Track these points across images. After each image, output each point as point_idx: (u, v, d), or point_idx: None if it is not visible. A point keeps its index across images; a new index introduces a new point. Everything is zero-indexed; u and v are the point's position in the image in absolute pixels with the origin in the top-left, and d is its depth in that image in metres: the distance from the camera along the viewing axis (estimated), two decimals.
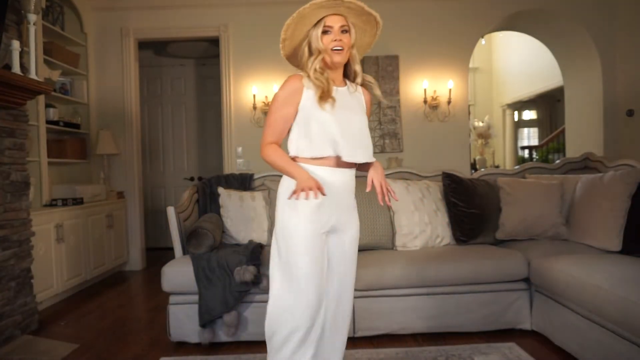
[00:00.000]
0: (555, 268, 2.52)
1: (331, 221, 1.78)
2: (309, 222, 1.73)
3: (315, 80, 1.74)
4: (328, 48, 1.76)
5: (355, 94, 1.87)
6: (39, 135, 3.91)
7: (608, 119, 4.98)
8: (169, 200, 6.20)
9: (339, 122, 1.73)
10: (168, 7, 4.97)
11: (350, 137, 1.74)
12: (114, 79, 5.02)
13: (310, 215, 1.73)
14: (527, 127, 10.51)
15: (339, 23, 1.76)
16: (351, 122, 1.76)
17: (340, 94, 1.79)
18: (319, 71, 1.75)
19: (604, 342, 2.17)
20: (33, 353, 2.75)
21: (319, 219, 1.75)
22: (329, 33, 1.76)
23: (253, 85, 4.92)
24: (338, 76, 1.84)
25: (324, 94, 1.72)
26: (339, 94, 1.79)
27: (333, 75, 1.81)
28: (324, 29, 1.76)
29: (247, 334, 2.77)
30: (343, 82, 1.87)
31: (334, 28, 1.76)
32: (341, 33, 1.76)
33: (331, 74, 1.80)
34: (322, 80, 1.73)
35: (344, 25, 1.77)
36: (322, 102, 1.72)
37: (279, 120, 1.78)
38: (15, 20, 3.15)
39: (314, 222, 1.74)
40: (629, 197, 2.77)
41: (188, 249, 2.88)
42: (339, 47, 1.75)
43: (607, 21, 4.96)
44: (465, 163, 5.07)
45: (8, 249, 2.94)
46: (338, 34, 1.76)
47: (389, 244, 3.15)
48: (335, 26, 1.76)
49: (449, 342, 2.71)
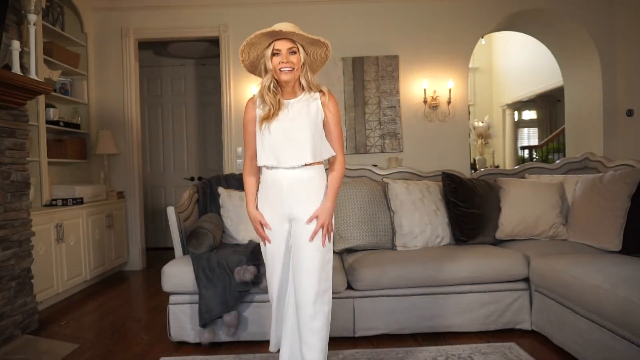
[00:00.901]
0: (555, 268, 2.52)
1: (287, 212, 2.07)
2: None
3: (268, 99, 2.01)
4: (277, 68, 1.99)
5: (309, 101, 2.07)
6: (39, 135, 3.91)
7: (608, 119, 4.98)
8: (169, 200, 6.20)
9: (276, 136, 2.01)
10: (168, 7, 4.98)
11: (282, 146, 2.01)
12: (114, 79, 5.02)
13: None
14: (527, 127, 10.51)
15: (287, 46, 1.98)
16: (286, 132, 2.02)
17: (287, 107, 2.05)
18: (272, 90, 2.01)
19: (604, 342, 2.17)
20: (33, 353, 2.76)
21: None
22: (278, 55, 1.98)
23: (253, 85, 4.91)
24: (292, 90, 2.06)
25: (266, 117, 2.01)
26: (287, 107, 2.05)
27: (286, 88, 2.05)
28: (273, 51, 1.99)
29: (247, 334, 2.77)
30: (295, 94, 2.07)
31: (281, 51, 1.98)
32: (290, 55, 1.98)
33: (284, 87, 2.04)
34: (273, 102, 2.00)
35: (291, 47, 1.98)
36: (261, 124, 2.02)
37: (249, 137, 2.12)
38: (16, 20, 3.16)
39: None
40: (628, 197, 2.77)
41: (188, 249, 2.88)
42: (286, 68, 1.98)
43: (607, 21, 4.96)
44: (465, 163, 5.07)
45: (8, 249, 2.95)
46: (286, 56, 1.98)
47: (389, 244, 3.15)
48: (283, 49, 1.98)
49: (449, 342, 2.71)
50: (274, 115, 2.01)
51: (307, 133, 2.03)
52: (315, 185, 2.08)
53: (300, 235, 2.05)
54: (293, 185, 2.05)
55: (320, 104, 2.08)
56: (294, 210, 2.06)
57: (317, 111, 2.07)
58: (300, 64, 2.01)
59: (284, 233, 2.10)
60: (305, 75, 2.06)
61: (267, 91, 2.02)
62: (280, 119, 2.03)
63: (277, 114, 2.02)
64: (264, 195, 2.11)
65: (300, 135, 2.03)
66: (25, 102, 3.09)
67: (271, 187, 2.07)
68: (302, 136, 2.03)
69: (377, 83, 5.01)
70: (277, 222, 2.09)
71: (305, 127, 2.03)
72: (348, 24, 4.99)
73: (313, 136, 2.04)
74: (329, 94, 2.09)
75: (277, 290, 2.13)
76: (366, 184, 3.31)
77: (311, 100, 2.07)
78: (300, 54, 2.00)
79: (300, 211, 2.05)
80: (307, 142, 2.02)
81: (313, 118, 2.06)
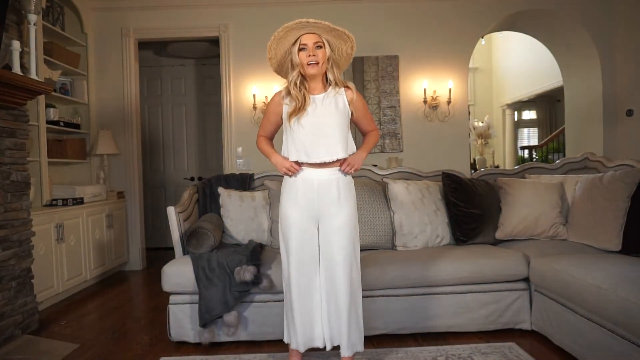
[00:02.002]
0: (555, 268, 2.53)
1: (314, 212, 2.15)
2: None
3: (294, 93, 2.10)
4: (304, 62, 2.09)
5: (336, 96, 2.16)
6: (39, 135, 3.91)
7: (608, 119, 4.98)
8: (169, 200, 6.20)
9: (305, 130, 2.10)
10: (168, 7, 4.98)
11: (314, 141, 2.10)
12: (114, 79, 5.02)
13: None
14: (527, 127, 10.52)
15: (313, 40, 2.09)
16: (318, 128, 2.11)
17: (315, 102, 2.13)
18: (298, 85, 2.11)
19: (604, 342, 2.17)
20: (33, 353, 2.76)
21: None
22: (304, 50, 2.09)
23: (253, 85, 4.92)
24: (317, 85, 2.16)
25: (293, 111, 2.09)
26: (314, 102, 2.13)
27: (312, 84, 2.15)
28: (300, 46, 2.10)
29: (247, 334, 2.77)
30: (323, 89, 2.17)
31: (308, 45, 2.09)
32: (315, 49, 2.09)
33: (311, 83, 2.15)
34: (298, 96, 2.09)
35: (317, 41, 2.09)
36: (290, 118, 2.11)
37: (267, 123, 2.28)
38: (16, 20, 3.16)
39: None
40: (628, 197, 2.77)
41: (188, 249, 2.88)
42: (313, 62, 2.08)
43: (607, 21, 4.97)
44: (465, 163, 5.07)
45: (8, 248, 2.95)
46: (312, 50, 2.08)
47: (389, 244, 3.15)
48: (309, 43, 2.09)
49: (449, 342, 2.71)
50: (302, 109, 2.09)
51: (338, 128, 2.12)
52: (343, 184, 2.17)
53: (332, 239, 2.13)
54: (324, 185, 2.14)
55: (346, 100, 2.17)
56: (325, 212, 2.14)
57: (344, 106, 2.16)
58: (325, 58, 2.10)
59: (314, 235, 2.17)
60: (332, 71, 2.14)
61: (294, 86, 2.11)
62: (310, 114, 2.10)
63: (306, 109, 2.10)
64: (292, 195, 2.17)
65: (331, 131, 2.11)
66: (25, 102, 3.09)
67: (301, 187, 2.15)
68: (333, 132, 2.11)
69: (377, 83, 5.01)
70: (305, 223, 2.15)
71: (336, 122, 2.12)
72: (348, 24, 4.93)
73: (342, 131, 2.13)
74: (355, 91, 2.19)
75: (307, 286, 2.15)
76: (366, 184, 3.31)
77: (338, 96, 2.16)
78: (325, 49, 2.10)
79: (332, 214, 2.13)
80: (338, 137, 2.11)
81: (342, 113, 2.14)
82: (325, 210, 2.14)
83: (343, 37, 2.12)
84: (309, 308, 2.17)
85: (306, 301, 2.16)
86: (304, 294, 2.16)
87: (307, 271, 2.16)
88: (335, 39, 2.13)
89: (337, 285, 2.13)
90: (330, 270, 2.14)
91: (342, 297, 2.13)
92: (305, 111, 2.09)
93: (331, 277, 2.14)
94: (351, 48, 2.18)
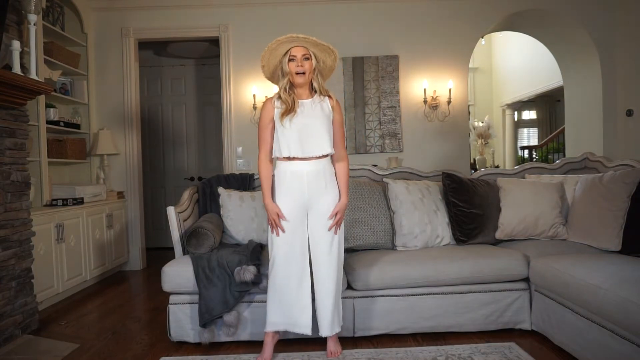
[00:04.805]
0: (555, 268, 2.53)
1: (304, 200, 2.42)
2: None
3: (284, 97, 2.39)
4: (293, 72, 2.39)
5: (322, 103, 2.46)
6: (39, 135, 3.91)
7: (607, 119, 4.98)
8: (169, 200, 6.20)
9: (296, 129, 2.37)
10: (168, 7, 4.98)
11: (305, 138, 2.37)
12: (114, 79, 5.02)
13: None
14: (527, 127, 10.52)
15: (301, 52, 2.38)
16: (307, 127, 2.38)
17: (303, 106, 2.42)
18: (287, 91, 2.41)
19: (604, 342, 2.17)
20: (33, 353, 2.76)
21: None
22: (294, 60, 2.38)
23: (253, 85, 4.92)
24: (305, 92, 2.45)
25: (285, 112, 2.37)
26: (303, 106, 2.42)
27: (300, 91, 2.44)
28: (289, 57, 2.39)
29: (247, 334, 2.77)
30: (309, 95, 2.46)
31: (297, 57, 2.38)
32: (303, 60, 2.38)
33: (298, 90, 2.44)
34: (288, 100, 2.38)
35: (305, 54, 2.39)
36: (282, 118, 2.37)
37: (264, 130, 2.46)
38: (16, 20, 3.16)
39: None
40: (628, 197, 2.77)
41: (188, 249, 2.88)
42: (300, 71, 2.38)
43: (607, 21, 4.96)
44: (465, 163, 5.07)
45: (8, 248, 2.95)
46: (300, 61, 2.38)
47: (389, 244, 3.15)
48: (298, 55, 2.38)
49: (449, 342, 2.71)
50: (291, 110, 2.37)
51: (324, 127, 2.41)
52: (328, 174, 2.46)
53: (318, 223, 2.42)
54: (312, 176, 2.41)
55: (330, 106, 2.47)
56: (314, 200, 2.41)
57: (329, 111, 2.46)
58: (312, 68, 2.40)
59: (303, 222, 2.43)
60: (317, 80, 2.44)
61: (284, 91, 2.41)
62: (299, 115, 2.39)
63: (296, 110, 2.38)
64: (283, 187, 2.42)
65: (319, 130, 2.40)
66: (25, 102, 3.09)
67: (290, 179, 2.41)
68: (321, 130, 2.40)
69: (377, 83, 5.01)
70: (296, 212, 2.41)
71: (323, 122, 2.41)
72: (348, 24, 5.00)
73: (328, 131, 2.42)
74: (336, 100, 2.51)
75: (298, 275, 2.39)
76: (366, 184, 3.31)
77: (323, 102, 2.46)
78: (312, 60, 2.40)
79: (319, 200, 2.42)
80: (325, 135, 2.40)
81: (327, 116, 2.44)
82: (314, 197, 2.41)
83: (327, 51, 2.41)
84: (295, 294, 2.38)
85: (292, 287, 2.38)
86: (292, 280, 2.38)
87: (297, 257, 2.40)
88: (321, 52, 2.42)
89: (326, 270, 2.40)
90: (317, 254, 2.42)
91: (330, 279, 2.40)
92: (295, 112, 2.37)
93: (319, 260, 2.41)
94: (334, 61, 2.47)
